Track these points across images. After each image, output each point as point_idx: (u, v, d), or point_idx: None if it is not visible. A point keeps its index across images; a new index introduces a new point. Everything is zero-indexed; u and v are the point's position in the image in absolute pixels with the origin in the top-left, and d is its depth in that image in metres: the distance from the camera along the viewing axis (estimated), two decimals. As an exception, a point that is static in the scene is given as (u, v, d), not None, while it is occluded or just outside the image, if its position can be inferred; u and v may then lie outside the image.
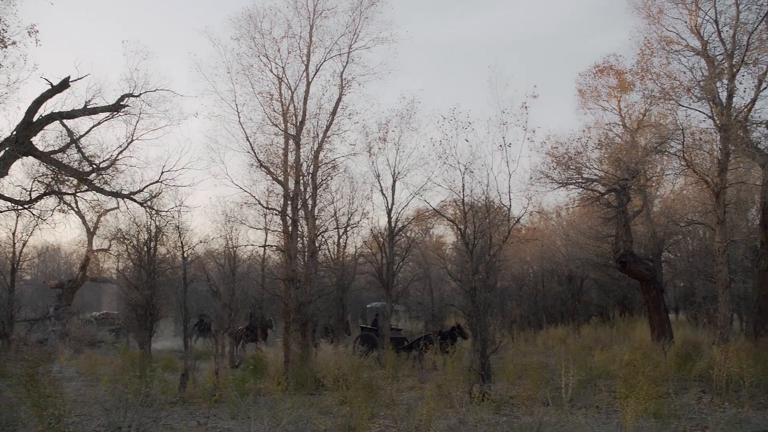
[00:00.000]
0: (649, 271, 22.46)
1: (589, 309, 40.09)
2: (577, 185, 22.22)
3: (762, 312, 19.69)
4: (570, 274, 34.31)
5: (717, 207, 16.68)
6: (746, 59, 19.42)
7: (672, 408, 12.78)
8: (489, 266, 14.20)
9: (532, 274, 40.56)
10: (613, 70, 24.77)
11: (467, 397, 13.47)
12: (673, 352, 17.01)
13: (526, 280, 40.65)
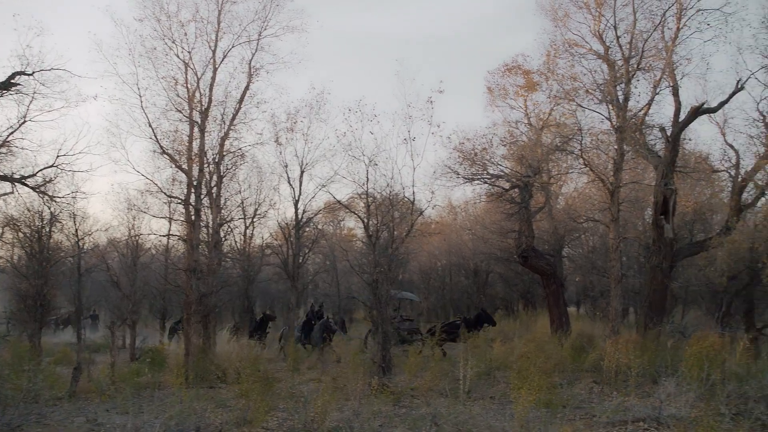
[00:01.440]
0: (550, 266, 23.18)
1: (494, 302, 41.10)
2: (482, 181, 22.68)
3: (652, 306, 20.60)
4: (476, 268, 35.04)
5: (612, 205, 17.37)
6: (642, 65, 20.36)
7: (564, 398, 13.27)
8: (391, 259, 14.28)
9: (439, 268, 41.25)
10: (520, 69, 25.33)
11: (367, 389, 13.57)
12: (569, 345, 17.64)
13: (434, 273, 41.33)
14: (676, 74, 21.10)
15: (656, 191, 20.58)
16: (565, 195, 31.83)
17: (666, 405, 10.78)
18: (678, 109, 20.85)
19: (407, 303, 35.28)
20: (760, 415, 10.59)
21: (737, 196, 21.14)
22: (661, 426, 10.21)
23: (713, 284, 21.16)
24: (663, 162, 20.44)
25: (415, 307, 39.36)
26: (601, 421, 11.01)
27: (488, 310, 36.66)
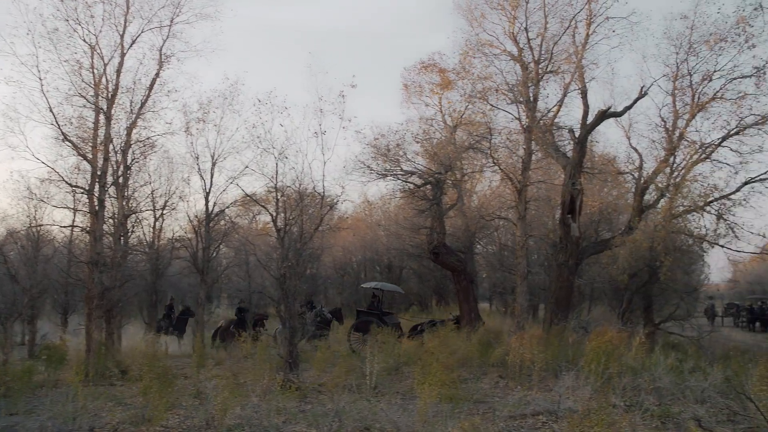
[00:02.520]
0: (461, 262, 23.55)
1: (408, 298, 41.49)
2: (394, 177, 22.80)
3: (558, 302, 21.23)
4: (389, 264, 35.29)
5: (519, 203, 17.77)
6: (553, 68, 20.94)
7: (469, 392, 13.48)
8: (299, 253, 14.14)
9: (355, 263, 41.33)
10: (436, 67, 25.58)
11: (274, 386, 13.42)
12: (476, 340, 17.93)
13: (349, 268, 41.38)
14: (585, 78, 21.84)
15: (564, 191, 21.21)
16: (479, 193, 32.46)
17: (564, 398, 11.08)
18: (586, 112, 21.52)
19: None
20: (650, 406, 11.04)
21: (639, 197, 22.00)
22: (558, 419, 10.48)
23: (615, 281, 21.93)
24: (570, 163, 21.08)
25: (330, 302, 39.28)
26: (502, 415, 11.21)
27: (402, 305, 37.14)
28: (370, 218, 38.92)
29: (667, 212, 20.45)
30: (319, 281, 39.21)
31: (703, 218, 21.60)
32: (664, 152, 21.86)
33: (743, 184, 20.49)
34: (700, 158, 21.26)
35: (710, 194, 21.04)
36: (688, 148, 21.62)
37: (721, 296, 54.24)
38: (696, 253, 24.46)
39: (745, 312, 39.41)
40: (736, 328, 39.10)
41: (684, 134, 21.56)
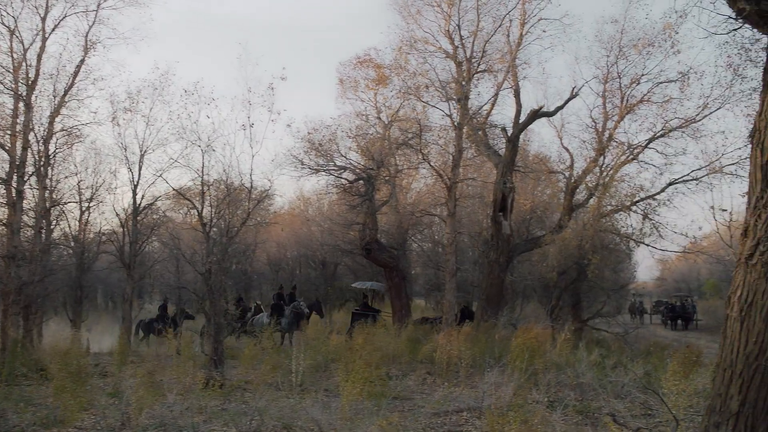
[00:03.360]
0: (393, 258, 23.52)
1: (344, 294, 41.28)
2: (327, 172, 22.60)
3: (489, 299, 21.44)
4: (324, 260, 35.01)
5: (449, 200, 17.82)
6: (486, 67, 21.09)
7: (396, 389, 13.42)
8: (225, 248, 13.83)
9: (290, 259, 40.89)
10: (372, 62, 25.46)
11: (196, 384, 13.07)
12: (405, 337, 17.90)
13: (283, 264, 40.93)
14: (518, 78, 22.10)
15: (495, 189, 21.40)
16: (414, 190, 32.48)
17: (488, 395, 11.10)
18: (519, 111, 21.79)
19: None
20: (572, 402, 11.17)
21: (570, 196, 22.39)
22: (482, 415, 10.49)
23: (545, 279, 22.25)
24: (503, 161, 21.28)
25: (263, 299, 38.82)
26: (426, 411, 11.17)
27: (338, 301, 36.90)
28: (306, 214, 38.49)
29: (595, 211, 20.85)
30: (252, 277, 38.74)
31: (630, 217, 22.18)
32: (594, 152, 22.30)
33: (667, 185, 21.08)
34: (627, 159, 21.78)
35: (636, 194, 21.60)
36: (616, 149, 22.13)
37: (650, 294, 55.82)
38: (623, 252, 25.04)
39: (666, 309, 40.30)
40: (663, 326, 40.12)
41: (613, 135, 22.04)
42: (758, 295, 5.56)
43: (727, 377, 5.68)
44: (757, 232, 5.68)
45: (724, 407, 5.69)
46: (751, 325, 5.58)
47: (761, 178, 5.76)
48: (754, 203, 5.82)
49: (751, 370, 5.54)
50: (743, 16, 5.31)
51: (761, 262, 5.58)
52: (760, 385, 5.50)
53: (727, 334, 5.80)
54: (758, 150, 5.83)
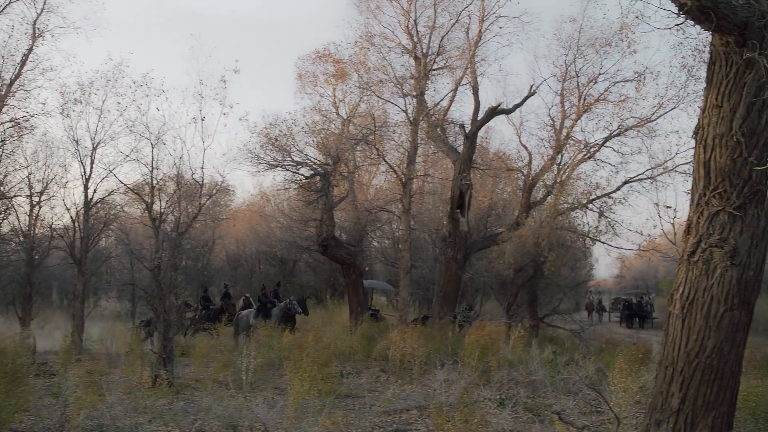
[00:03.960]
0: (350, 255, 23.30)
1: (305, 291, 40.95)
2: (283, 168, 22.29)
3: (446, 296, 21.41)
4: (283, 257, 34.68)
5: (404, 196, 17.71)
6: (444, 63, 21.03)
7: (348, 387, 13.29)
8: (176, 244, 13.51)
9: (250, 256, 40.42)
10: (332, 57, 25.17)
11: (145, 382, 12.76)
12: (360, 334, 17.74)
13: (243, 261, 40.46)
14: (477, 75, 22.08)
15: (453, 186, 21.37)
16: (376, 186, 32.32)
17: (439, 393, 11.01)
18: (477, 108, 21.78)
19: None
20: (523, 399, 11.15)
21: (527, 194, 22.47)
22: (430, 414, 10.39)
23: (501, 276, 22.30)
24: (460, 158, 21.26)
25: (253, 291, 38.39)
26: (377, 410, 11.05)
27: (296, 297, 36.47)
28: (266, 209, 38.03)
29: (551, 209, 20.93)
30: (210, 273, 38.19)
31: (586, 215, 22.35)
32: (552, 150, 22.39)
33: (623, 183, 21.27)
34: (584, 157, 21.92)
35: (593, 192, 21.75)
36: (573, 147, 22.26)
37: (609, 291, 56.49)
38: (580, 250, 25.25)
39: (623, 307, 40.44)
40: (620, 323, 40.39)
41: (570, 134, 22.16)
42: (699, 293, 5.54)
43: (669, 375, 5.66)
44: (699, 229, 5.66)
45: (665, 405, 5.67)
46: (692, 323, 5.56)
47: (704, 175, 5.74)
48: (696, 200, 5.80)
49: (691, 368, 5.52)
50: (685, 11, 5.27)
51: (702, 259, 5.56)
52: (700, 382, 5.48)
53: (669, 332, 5.78)
54: (701, 147, 5.81)
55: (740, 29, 5.41)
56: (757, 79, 5.51)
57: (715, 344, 5.45)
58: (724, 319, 5.44)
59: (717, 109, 5.71)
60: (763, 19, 5.37)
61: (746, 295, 5.47)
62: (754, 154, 5.52)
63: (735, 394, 5.64)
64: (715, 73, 5.83)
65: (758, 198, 5.59)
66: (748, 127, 5.54)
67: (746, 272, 5.46)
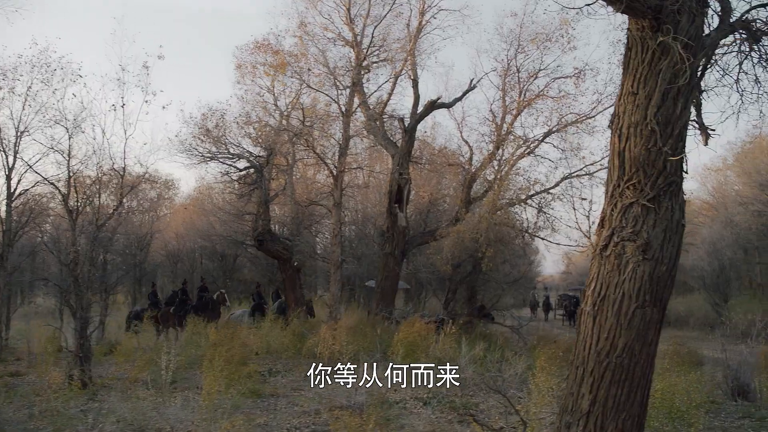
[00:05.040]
0: (286, 250, 22.76)
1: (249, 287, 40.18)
2: (217, 160, 21.59)
3: (383, 292, 21.09)
4: (223, 252, 33.89)
5: (334, 189, 17.29)
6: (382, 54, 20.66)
7: (276, 386, 12.84)
8: (94, 237, 12.82)
9: (189, 251, 39.45)
10: (271, 48, 24.51)
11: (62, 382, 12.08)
12: (290, 331, 17.26)
13: (183, 255, 39.48)
14: (418, 68, 21.81)
15: (391, 180, 21.05)
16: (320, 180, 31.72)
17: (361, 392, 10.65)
18: (416, 102, 21.50)
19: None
20: (450, 398, 10.87)
21: (467, 189, 22.28)
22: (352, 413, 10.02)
23: (440, 272, 22.07)
24: (399, 152, 20.94)
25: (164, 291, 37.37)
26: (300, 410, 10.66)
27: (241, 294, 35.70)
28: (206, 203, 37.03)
29: (490, 204, 20.76)
30: (148, 269, 37.16)
31: (526, 211, 22.28)
32: (492, 146, 22.25)
33: (562, 179, 21.22)
34: (524, 153, 21.82)
35: (532, 188, 21.68)
36: (513, 143, 22.15)
37: (557, 288, 56.96)
38: (519, 246, 25.17)
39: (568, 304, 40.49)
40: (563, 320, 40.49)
41: (511, 129, 22.04)
42: (611, 289, 5.27)
43: (579, 375, 5.38)
44: (613, 222, 5.39)
45: (575, 407, 5.39)
46: (603, 321, 5.28)
47: (618, 166, 5.48)
48: (611, 192, 5.54)
49: (601, 368, 5.24)
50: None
51: (615, 254, 5.29)
52: (611, 383, 5.21)
53: (580, 330, 5.49)
54: (616, 136, 5.54)
55: (654, 13, 5.15)
56: (672, 65, 5.26)
57: (626, 343, 5.17)
58: (635, 316, 5.17)
59: (632, 97, 5.44)
60: (677, 2, 5.11)
61: (658, 292, 5.21)
62: (669, 144, 5.27)
63: (646, 395, 5.37)
64: (631, 60, 5.56)
65: (673, 190, 5.35)
66: (663, 115, 5.29)
67: (659, 267, 5.20)
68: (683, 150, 5.40)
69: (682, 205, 5.45)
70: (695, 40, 5.34)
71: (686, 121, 5.44)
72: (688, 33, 5.24)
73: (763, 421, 9.86)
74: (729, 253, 33.99)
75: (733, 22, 5.80)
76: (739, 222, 34.47)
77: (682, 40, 5.16)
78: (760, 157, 33.77)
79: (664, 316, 5.35)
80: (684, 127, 5.42)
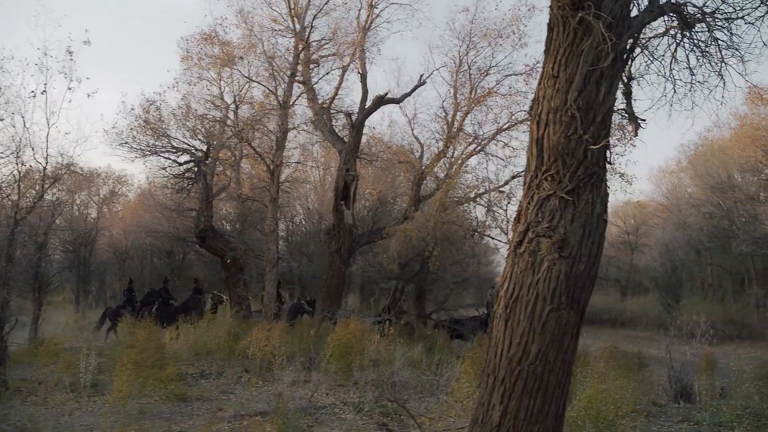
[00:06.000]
0: (229, 248, 21.95)
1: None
2: (158, 155, 20.70)
3: (329, 291, 20.50)
4: (170, 249, 32.91)
5: (270, 185, 16.65)
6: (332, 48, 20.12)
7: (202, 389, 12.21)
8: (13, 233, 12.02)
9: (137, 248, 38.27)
10: (219, 39, 23.73)
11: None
12: (225, 331, 16.56)
13: (132, 253, 38.29)
14: (367, 62, 21.32)
15: (338, 176, 20.49)
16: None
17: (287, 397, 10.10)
18: (365, 97, 20.99)
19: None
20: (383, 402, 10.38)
21: (417, 186, 21.86)
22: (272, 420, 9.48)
23: (387, 271, 21.59)
24: (346, 147, 20.38)
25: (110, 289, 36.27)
26: (223, 415, 10.06)
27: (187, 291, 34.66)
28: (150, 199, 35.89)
29: (438, 202, 20.33)
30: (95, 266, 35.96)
31: (475, 210, 21.94)
32: (443, 143, 21.87)
33: (511, 177, 20.91)
34: (474, 151, 21.48)
35: (481, 186, 21.34)
36: (464, 140, 21.81)
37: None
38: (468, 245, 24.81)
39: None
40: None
41: (461, 127, 21.69)
42: (524, 289, 4.79)
43: (490, 384, 4.89)
44: (529, 215, 4.92)
45: (486, 418, 4.90)
46: (515, 324, 4.80)
47: (536, 155, 5.02)
48: (528, 183, 5.07)
49: (513, 377, 4.76)
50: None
51: (529, 251, 4.81)
52: (523, 393, 4.73)
53: (492, 335, 5.01)
54: (535, 123, 5.09)
55: (575, -13, 4.72)
56: (595, 46, 4.83)
57: (539, 349, 4.71)
58: (549, 320, 4.70)
59: (552, 80, 5.00)
60: (599, -24, 4.68)
61: (575, 293, 4.75)
62: (591, 131, 4.83)
63: (562, 407, 4.91)
64: (552, 40, 5.12)
65: (594, 181, 4.90)
66: (584, 100, 4.85)
67: (576, 266, 4.74)
68: (607, 138, 4.97)
69: (605, 199, 5.01)
70: (620, 20, 4.93)
71: (610, 107, 5.00)
72: (612, 12, 4.81)
73: (700, 425, 9.56)
74: (681, 254, 34.33)
75: (663, 4, 5.40)
76: (692, 224, 34.72)
77: (606, 19, 4.73)
78: (712, 159, 34.04)
79: (582, 320, 4.88)
80: (608, 114, 4.99)
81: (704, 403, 11.22)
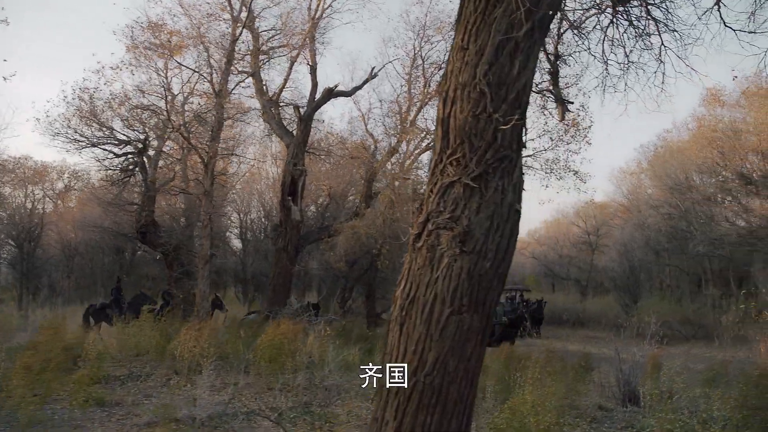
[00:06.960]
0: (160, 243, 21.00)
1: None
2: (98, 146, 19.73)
3: (275, 289, 19.82)
4: (118, 246, 31.85)
5: (204, 177, 15.92)
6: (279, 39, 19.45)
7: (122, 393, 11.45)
8: None
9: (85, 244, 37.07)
10: (166, 28, 22.85)
11: None
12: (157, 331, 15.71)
13: (81, 249, 37.09)
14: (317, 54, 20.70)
15: (285, 171, 19.82)
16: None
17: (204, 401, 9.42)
18: (314, 89, 20.40)
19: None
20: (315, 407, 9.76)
21: (369, 183, 21.27)
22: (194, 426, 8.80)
23: (334, 269, 20.96)
24: (294, 141, 19.71)
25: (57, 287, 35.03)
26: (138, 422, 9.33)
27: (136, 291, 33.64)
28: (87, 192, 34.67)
29: (388, 199, 19.77)
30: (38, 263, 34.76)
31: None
32: (396, 139, 21.34)
33: (464, 174, 20.38)
34: (427, 146, 20.99)
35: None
36: (417, 135, 21.31)
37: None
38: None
39: None
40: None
41: (415, 122, 21.17)
42: (421, 290, 4.16)
43: (384, 397, 4.25)
44: (430, 204, 4.30)
45: (379, 436, 4.27)
46: (410, 329, 4.16)
47: (441, 136, 4.39)
48: (432, 168, 4.45)
49: (408, 389, 4.14)
50: None
51: (427, 245, 4.18)
52: (418, 408, 4.09)
53: (387, 342, 4.38)
54: (441, 100, 4.47)
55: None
56: (509, 14, 4.23)
57: (437, 358, 4.07)
58: (449, 324, 4.07)
59: (462, 53, 4.38)
60: (511, -68, 4.08)
61: (479, 294, 4.12)
62: (502, 110, 4.22)
63: (466, 423, 4.26)
64: (464, 8, 4.51)
65: (505, 166, 4.28)
66: (495, 74, 4.24)
67: (481, 262, 4.12)
68: (522, 119, 4.36)
69: (518, 187, 4.39)
70: (538, -15, 4.33)
71: (526, 83, 4.39)
72: (528, -25, 4.22)
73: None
74: (640, 254, 34.38)
75: (590, -29, 4.85)
76: (651, 224, 34.78)
77: (520, -18, 4.14)
78: (671, 160, 34.11)
79: (488, 325, 4.27)
80: (523, 91, 4.38)
81: (649, 408, 10.82)
